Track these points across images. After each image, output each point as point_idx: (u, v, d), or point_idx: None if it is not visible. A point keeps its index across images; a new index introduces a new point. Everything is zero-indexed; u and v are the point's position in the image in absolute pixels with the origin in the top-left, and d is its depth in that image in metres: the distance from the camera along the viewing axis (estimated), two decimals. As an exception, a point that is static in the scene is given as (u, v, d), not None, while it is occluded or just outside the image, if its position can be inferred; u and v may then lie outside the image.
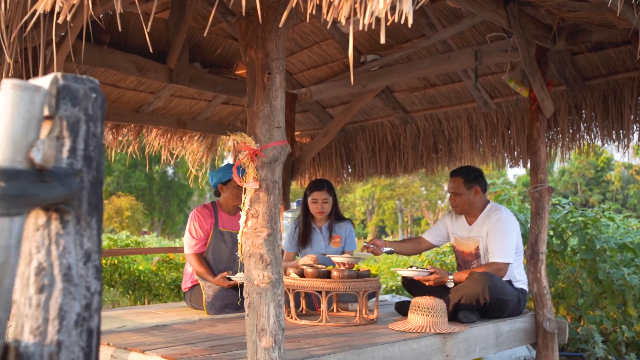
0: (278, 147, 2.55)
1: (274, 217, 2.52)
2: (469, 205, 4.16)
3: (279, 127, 2.56)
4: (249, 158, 2.53)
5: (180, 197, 36.35)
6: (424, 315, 3.56)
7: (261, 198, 2.51)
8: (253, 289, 2.48)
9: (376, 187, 38.95)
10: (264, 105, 2.54)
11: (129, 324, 3.61)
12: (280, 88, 2.57)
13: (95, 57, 4.56)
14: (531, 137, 4.31)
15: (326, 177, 6.71)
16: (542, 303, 4.15)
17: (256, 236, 2.49)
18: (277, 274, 2.49)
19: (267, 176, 2.52)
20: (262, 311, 2.45)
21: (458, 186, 4.18)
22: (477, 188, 4.15)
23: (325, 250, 4.64)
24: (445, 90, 5.46)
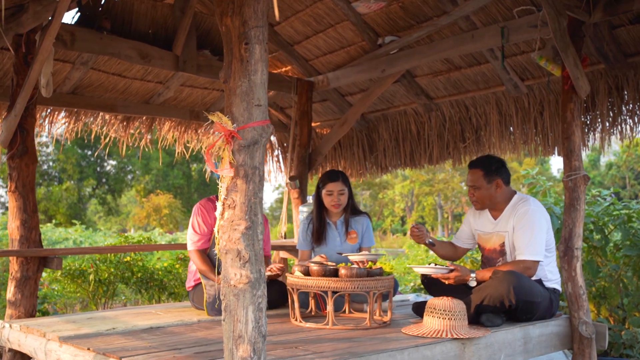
0: (258, 128, 2.23)
1: (253, 208, 2.20)
2: (489, 200, 3.75)
3: (259, 105, 2.24)
4: (225, 140, 2.22)
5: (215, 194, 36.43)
6: (441, 318, 3.20)
7: (239, 186, 2.20)
8: (229, 289, 2.17)
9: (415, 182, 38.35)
10: (242, 80, 2.23)
11: (120, 326, 3.35)
12: (260, 61, 2.25)
13: (95, 45, 4.34)
14: (564, 120, 3.88)
15: (348, 168, 6.38)
16: (578, 304, 3.72)
17: (233, 229, 2.18)
18: (257, 272, 2.18)
19: (245, 161, 2.20)
20: (240, 316, 2.14)
21: (477, 179, 3.77)
22: (499, 181, 3.73)
23: (341, 247, 4.31)
24: (471, 73, 5.04)
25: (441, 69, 5.15)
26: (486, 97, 5.21)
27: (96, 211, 36.04)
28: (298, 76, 5.67)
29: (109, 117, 5.53)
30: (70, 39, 4.21)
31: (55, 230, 13.66)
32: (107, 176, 34.74)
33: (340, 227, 4.35)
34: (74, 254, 6.09)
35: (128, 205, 37.10)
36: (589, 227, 4.96)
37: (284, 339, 3.06)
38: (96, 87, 5.10)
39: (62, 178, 32.59)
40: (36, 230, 4.00)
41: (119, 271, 5.65)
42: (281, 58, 5.67)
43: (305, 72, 5.65)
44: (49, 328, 3.29)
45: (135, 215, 32.58)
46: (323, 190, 4.24)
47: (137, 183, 34.12)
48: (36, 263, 3.97)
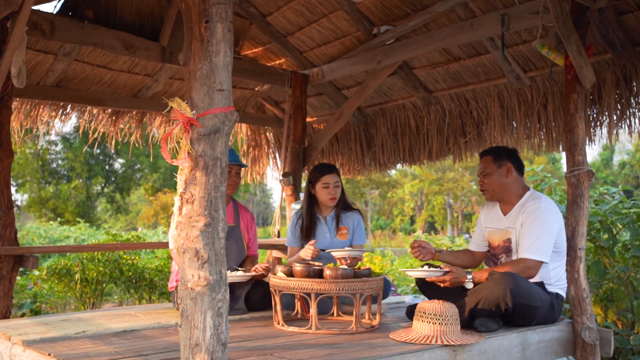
0: (220, 115, 2.03)
1: (214, 203, 2.00)
2: (500, 187, 3.52)
3: (221, 89, 2.03)
4: (182, 128, 2.02)
5: (228, 194, 36.28)
6: (430, 323, 2.98)
7: (198, 179, 2.00)
8: (186, 293, 1.97)
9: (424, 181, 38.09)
10: (202, 62, 2.03)
11: (91, 330, 3.16)
12: (223, 41, 2.04)
13: (76, 34, 4.16)
14: (567, 112, 3.65)
15: (345, 165, 6.16)
16: (581, 308, 3.49)
17: (191, 226, 1.98)
18: (217, 274, 1.97)
19: (205, 151, 2.00)
20: (197, 321, 1.94)
21: (487, 165, 3.56)
22: (509, 165, 3.50)
23: (330, 243, 4.10)
24: (471, 64, 4.81)
25: (440, 60, 4.92)
26: (487, 90, 4.97)
27: (106, 210, 36.06)
28: (293, 69, 5.47)
29: (97, 111, 5.36)
30: (49, 29, 4.04)
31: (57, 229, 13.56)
32: (116, 174, 34.74)
33: (331, 222, 4.15)
34: (50, 252, 5.93)
35: (138, 203, 37.09)
36: (595, 226, 4.71)
37: (261, 344, 2.86)
38: (81, 79, 4.92)
39: (71, 176, 32.62)
40: (11, 227, 3.83)
41: (108, 270, 5.47)
42: (275, 50, 5.47)
43: (299, 64, 5.45)
44: (16, 331, 3.11)
45: (143, 214, 32.53)
46: (318, 183, 4.03)
47: (145, 181, 34.06)
48: (11, 262, 3.80)
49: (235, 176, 3.94)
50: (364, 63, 4.87)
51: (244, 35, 5.25)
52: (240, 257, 3.98)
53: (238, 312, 3.72)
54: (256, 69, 5.19)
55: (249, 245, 4.08)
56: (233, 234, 3.96)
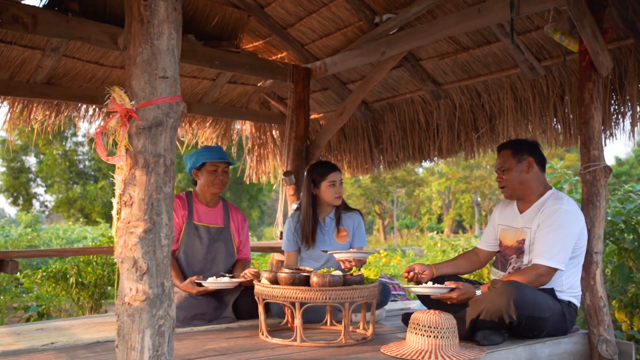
0: (164, 106, 1.78)
1: (155, 206, 1.75)
2: (520, 184, 3.22)
3: (165, 77, 1.79)
4: (120, 121, 1.78)
5: (250, 193, 36.26)
6: (425, 336, 2.70)
7: (137, 179, 1.75)
8: (123, 308, 1.73)
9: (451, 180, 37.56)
10: (142, 46, 1.79)
11: (62, 340, 2.96)
12: (167, 21, 1.80)
13: (60, 28, 3.96)
14: (581, 103, 3.32)
15: (352, 162, 5.88)
16: (598, 319, 3.16)
17: (129, 233, 1.74)
18: (158, 287, 1.73)
19: (145, 147, 1.76)
20: (134, 341, 1.70)
21: (505, 159, 3.27)
22: (530, 159, 3.20)
23: (330, 246, 3.85)
24: (481, 54, 4.49)
25: (447, 50, 4.61)
26: (499, 81, 4.64)
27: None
28: (295, 63, 5.21)
29: (93, 109, 5.18)
30: (31, 22, 3.84)
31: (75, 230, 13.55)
32: (141, 175, 34.94)
33: (329, 224, 3.89)
34: (30, 256, 5.79)
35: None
36: (619, 226, 4.36)
37: (245, 357, 2.61)
38: (73, 76, 4.74)
39: (98, 177, 32.90)
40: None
41: (106, 273, 5.30)
42: (275, 43, 5.23)
43: (302, 58, 5.19)
44: (-18, 342, 2.93)
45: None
46: (324, 182, 3.78)
47: (169, 181, 34.20)
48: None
49: (223, 175, 3.71)
50: (367, 55, 4.58)
51: (243, 28, 5.00)
52: (229, 261, 3.75)
53: (225, 320, 3.49)
54: (255, 63, 4.94)
55: (240, 249, 3.84)
56: (222, 235, 3.73)
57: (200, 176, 3.73)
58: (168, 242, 1.78)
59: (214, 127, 5.93)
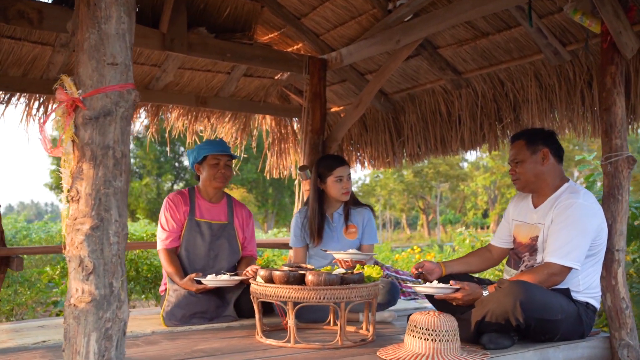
0: (113, 95, 1.67)
1: (104, 202, 1.64)
2: (534, 176, 3.01)
3: (114, 63, 1.68)
4: (66, 111, 1.67)
5: (291, 189, 36.36)
6: (423, 339, 2.52)
7: (84, 172, 1.65)
8: (69, 310, 1.63)
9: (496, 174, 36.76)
10: (90, 30, 1.68)
11: (55, 339, 2.91)
12: (116, 4, 1.69)
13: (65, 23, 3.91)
14: (603, 88, 3.07)
15: (375, 156, 5.70)
16: (619, 322, 2.92)
17: (75, 230, 1.64)
18: (105, 288, 1.62)
19: (92, 139, 1.65)
20: (79, 345, 1.60)
21: (519, 150, 3.06)
22: (545, 150, 2.98)
23: (338, 243, 3.71)
24: (501, 39, 4.24)
25: (466, 36, 4.37)
26: (523, 69, 4.38)
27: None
28: (312, 54, 5.07)
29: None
30: (37, 18, 3.82)
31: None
32: (185, 171, 35.46)
33: (338, 220, 3.75)
34: (34, 253, 5.81)
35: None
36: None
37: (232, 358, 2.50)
38: (85, 72, 4.72)
39: (142, 174, 33.57)
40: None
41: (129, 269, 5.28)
42: (291, 34, 5.09)
43: (317, 49, 5.04)
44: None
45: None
46: (330, 177, 3.66)
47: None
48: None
49: (225, 168, 3.60)
50: (382, 43, 4.40)
51: (256, 19, 4.88)
52: (233, 258, 3.64)
53: (227, 319, 3.39)
54: (269, 55, 4.82)
55: (245, 245, 3.73)
56: (225, 232, 3.63)
57: (202, 170, 3.63)
58: (118, 240, 1.67)
59: (233, 121, 5.84)
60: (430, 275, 3.14)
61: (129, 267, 5.36)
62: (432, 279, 3.12)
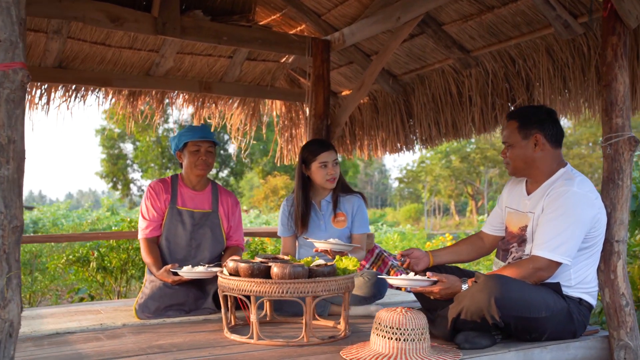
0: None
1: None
2: (525, 163, 2.75)
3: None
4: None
5: (335, 175, 36.15)
6: (387, 338, 2.33)
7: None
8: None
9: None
10: (-28, 6, 1.54)
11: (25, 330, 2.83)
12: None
13: (52, 8, 3.85)
14: (603, 61, 2.77)
15: (388, 142, 5.46)
16: (618, 320, 2.64)
17: (-43, 222, 1.52)
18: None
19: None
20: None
21: (510, 133, 2.80)
22: (538, 136, 2.71)
23: (326, 231, 3.53)
24: (507, 13, 3.93)
25: (470, 11, 4.08)
26: (534, 44, 4.06)
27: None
28: (315, 35, 4.87)
29: (113, 92, 5.11)
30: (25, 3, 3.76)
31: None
32: (230, 159, 35.80)
33: (326, 207, 3.57)
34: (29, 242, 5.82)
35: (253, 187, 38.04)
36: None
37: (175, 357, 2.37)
38: (83, 59, 4.66)
39: (188, 162, 34.04)
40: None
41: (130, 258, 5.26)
42: (292, 15, 4.89)
43: (320, 29, 4.84)
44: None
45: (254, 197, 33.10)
46: (314, 162, 3.49)
47: (256, 165, 34.79)
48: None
49: (206, 155, 3.47)
50: (383, 22, 4.16)
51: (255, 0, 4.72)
52: (216, 248, 3.51)
53: (205, 311, 3.27)
54: (268, 37, 4.64)
55: (230, 235, 3.60)
56: (208, 221, 3.50)
57: (183, 158, 3.51)
58: (3, 234, 1.54)
59: (242, 107, 5.71)
60: (417, 265, 2.92)
61: (135, 255, 5.32)
62: (419, 269, 2.91)
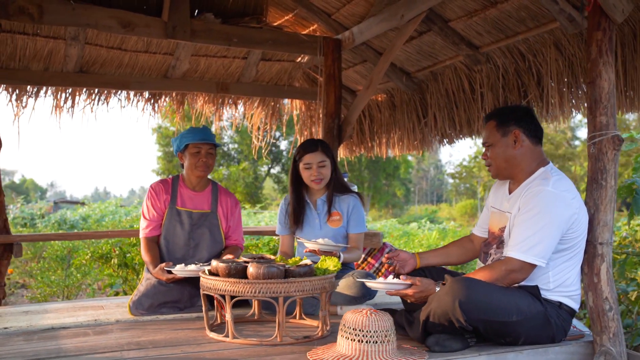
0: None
1: None
2: (505, 162, 2.70)
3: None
4: None
5: (387, 171, 36.02)
6: (350, 339, 2.35)
7: None
8: None
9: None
10: None
11: (19, 326, 3.01)
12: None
13: (66, 16, 4.02)
14: (588, 56, 2.68)
15: (403, 140, 5.43)
16: (601, 324, 2.56)
17: None
18: None
19: None
20: None
21: (489, 133, 2.76)
22: (517, 132, 2.66)
23: (320, 230, 3.55)
24: (511, 8, 3.83)
25: (474, 7, 4.00)
26: (542, 39, 3.96)
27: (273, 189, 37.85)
28: (327, 35, 4.89)
29: (134, 95, 5.28)
30: (37, 12, 3.95)
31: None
32: (281, 155, 36.18)
33: (321, 207, 3.60)
34: (32, 240, 6.03)
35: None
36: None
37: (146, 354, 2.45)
38: (101, 63, 4.85)
39: (239, 159, 34.66)
40: (0, 215, 3.85)
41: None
42: (304, 15, 4.93)
43: (331, 29, 4.85)
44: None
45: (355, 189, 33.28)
46: (300, 163, 3.54)
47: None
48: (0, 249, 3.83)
49: (206, 157, 3.55)
50: (388, 20, 4.14)
51: (266, 1, 4.78)
52: (215, 247, 3.59)
53: (199, 308, 3.35)
54: (279, 38, 4.69)
55: (229, 234, 3.67)
56: (207, 221, 3.59)
57: (184, 159, 3.60)
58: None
59: (262, 106, 5.79)
60: (403, 267, 2.91)
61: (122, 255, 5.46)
62: (405, 271, 2.90)
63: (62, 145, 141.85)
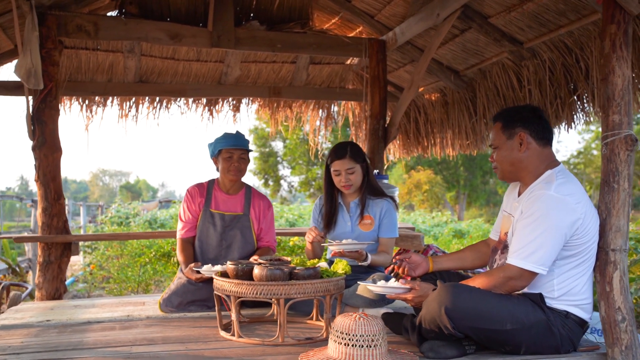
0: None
1: None
2: (511, 165, 2.60)
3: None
4: None
5: (484, 169, 34.94)
6: (338, 343, 2.36)
7: None
8: None
9: None
10: None
11: (60, 319, 3.27)
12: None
13: (120, 31, 4.32)
14: (601, 53, 2.53)
15: (455, 141, 5.30)
16: (613, 336, 2.41)
17: None
18: None
19: None
20: None
21: (495, 135, 2.66)
22: (523, 134, 2.54)
23: (351, 233, 3.58)
24: (549, 1, 3.64)
25: (512, 1, 3.86)
26: (587, 31, 3.74)
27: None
28: (373, 36, 4.89)
29: (193, 101, 5.55)
30: (93, 29, 4.27)
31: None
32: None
33: (354, 210, 3.62)
34: (87, 240, 6.31)
35: (397, 182, 38.06)
36: None
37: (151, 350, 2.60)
38: (158, 73, 5.14)
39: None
40: (59, 217, 4.18)
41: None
42: (349, 18, 4.95)
43: (376, 30, 4.85)
44: (13, 314, 3.40)
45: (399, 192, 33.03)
46: (331, 168, 3.57)
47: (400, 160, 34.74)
48: (59, 249, 4.17)
49: (239, 161, 3.67)
50: (426, 19, 4.08)
51: (311, 6, 4.84)
52: (246, 249, 3.71)
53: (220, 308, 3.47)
54: (323, 42, 4.73)
55: (261, 236, 3.78)
56: (239, 223, 3.72)
57: (218, 163, 3.75)
58: None
59: (317, 109, 5.88)
60: (414, 270, 2.88)
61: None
62: (416, 274, 2.87)
63: (172, 148, 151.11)
